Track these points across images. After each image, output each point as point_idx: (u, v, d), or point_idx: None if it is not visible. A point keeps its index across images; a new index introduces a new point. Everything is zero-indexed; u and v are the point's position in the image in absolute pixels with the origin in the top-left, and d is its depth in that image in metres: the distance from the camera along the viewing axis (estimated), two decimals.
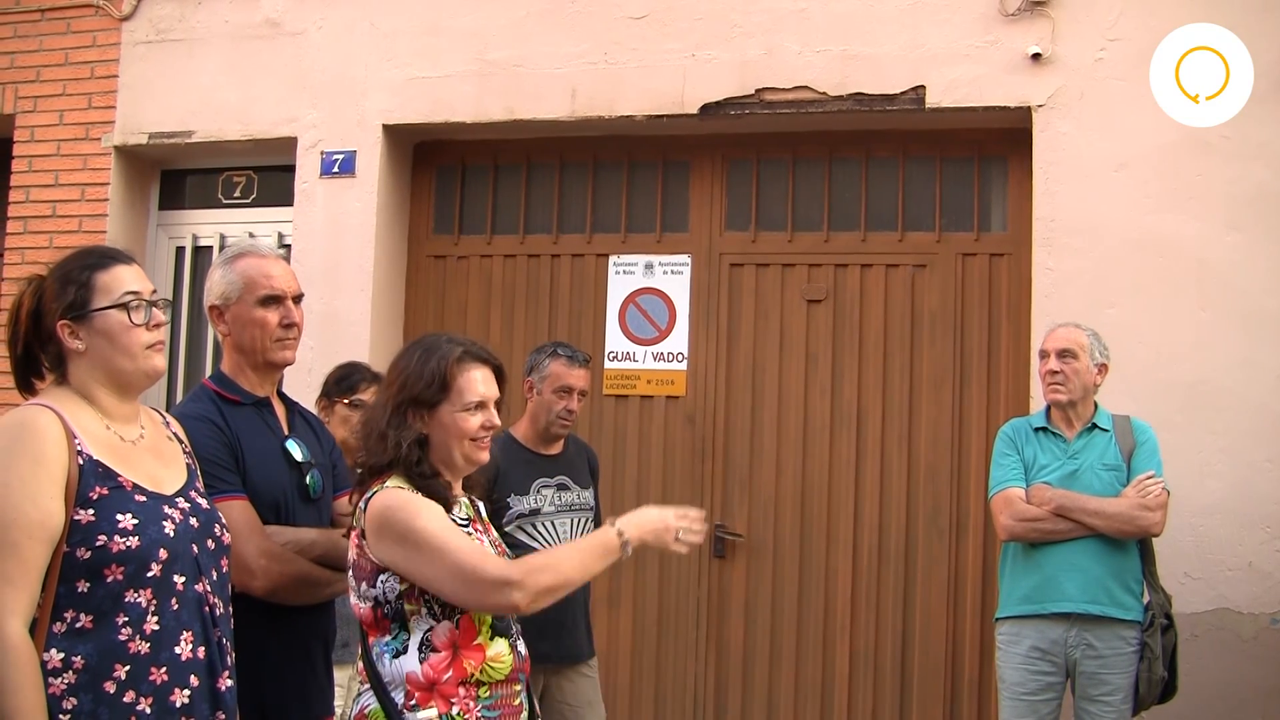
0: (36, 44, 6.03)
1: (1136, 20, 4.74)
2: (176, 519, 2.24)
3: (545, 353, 4.11)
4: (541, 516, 3.91)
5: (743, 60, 5.15)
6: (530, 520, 3.89)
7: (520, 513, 3.87)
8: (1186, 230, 4.64)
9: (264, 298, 2.80)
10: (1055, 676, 3.91)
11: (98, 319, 2.28)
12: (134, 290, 2.31)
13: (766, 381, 5.28)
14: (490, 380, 2.66)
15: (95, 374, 2.28)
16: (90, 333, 2.27)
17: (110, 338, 2.28)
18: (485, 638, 2.51)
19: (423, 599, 2.47)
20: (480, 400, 2.61)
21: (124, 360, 2.29)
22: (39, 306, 2.29)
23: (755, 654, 5.19)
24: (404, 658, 2.46)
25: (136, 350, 2.29)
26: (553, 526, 3.93)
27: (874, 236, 5.25)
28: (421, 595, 2.47)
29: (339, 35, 5.65)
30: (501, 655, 2.53)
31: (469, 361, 2.63)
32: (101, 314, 2.28)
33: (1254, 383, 4.53)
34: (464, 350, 2.63)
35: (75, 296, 2.27)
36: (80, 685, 2.09)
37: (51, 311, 2.27)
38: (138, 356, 2.30)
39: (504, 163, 5.72)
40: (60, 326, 2.26)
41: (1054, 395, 4.03)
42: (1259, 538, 4.48)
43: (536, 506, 3.90)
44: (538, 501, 3.91)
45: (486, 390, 2.63)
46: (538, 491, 3.94)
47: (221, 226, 6.01)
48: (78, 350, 2.27)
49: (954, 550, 5.01)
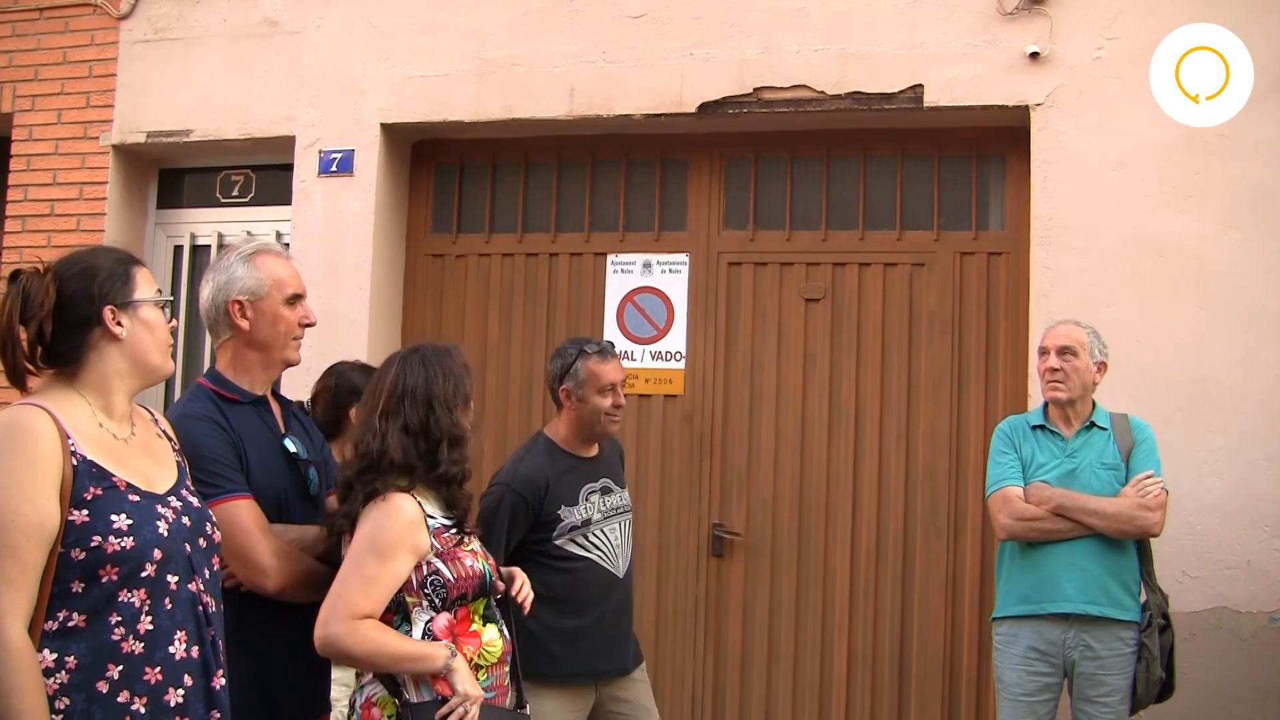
0: (35, 42, 6.03)
1: (1135, 19, 4.73)
2: (169, 518, 2.24)
3: (571, 355, 3.86)
4: (592, 526, 3.80)
5: (741, 59, 5.14)
6: (582, 532, 3.77)
7: (572, 525, 3.75)
8: (1185, 229, 4.64)
9: (291, 296, 2.84)
10: (1053, 677, 3.91)
11: (144, 309, 2.33)
12: (160, 289, 2.39)
13: (764, 380, 5.28)
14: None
15: (122, 364, 2.30)
16: (134, 322, 2.31)
17: (151, 329, 2.34)
18: (479, 625, 2.72)
19: (421, 591, 2.62)
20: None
21: (155, 354, 2.35)
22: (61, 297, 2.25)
23: (753, 653, 5.18)
24: None
25: (167, 346, 2.38)
26: (603, 534, 3.82)
27: (872, 235, 5.25)
28: (420, 588, 2.62)
29: (337, 34, 5.64)
30: (494, 640, 2.73)
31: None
32: (146, 305, 2.34)
33: (1253, 381, 4.53)
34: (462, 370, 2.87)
35: (124, 285, 2.31)
36: (73, 685, 2.09)
37: (98, 297, 2.27)
38: (165, 352, 2.38)
39: (502, 161, 5.72)
40: (108, 311, 2.28)
41: (1053, 393, 4.02)
42: (1257, 536, 4.47)
43: (588, 517, 3.79)
44: (587, 511, 3.79)
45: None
46: (586, 499, 3.80)
47: (220, 225, 6.00)
48: (118, 337, 2.29)
49: (952, 549, 5.01)
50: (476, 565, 2.72)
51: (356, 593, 2.57)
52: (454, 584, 2.66)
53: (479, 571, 2.71)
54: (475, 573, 2.70)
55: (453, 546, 2.70)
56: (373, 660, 2.60)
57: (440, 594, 2.65)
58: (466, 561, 2.70)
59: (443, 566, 2.66)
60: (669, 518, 5.32)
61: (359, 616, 2.57)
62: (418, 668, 2.59)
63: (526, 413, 5.47)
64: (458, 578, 2.66)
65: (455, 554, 2.69)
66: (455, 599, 2.67)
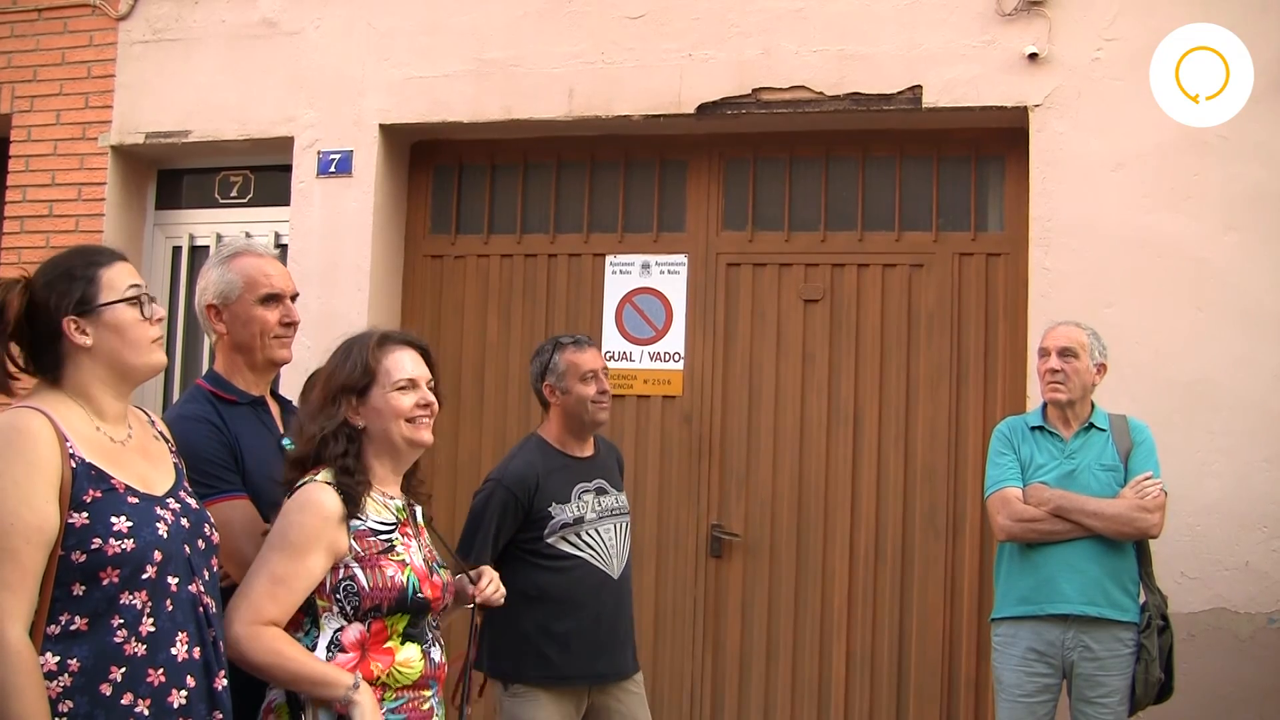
0: (34, 43, 6.03)
1: (1133, 20, 4.74)
2: (168, 520, 2.24)
3: (548, 351, 3.90)
4: (585, 525, 3.77)
5: (740, 60, 5.15)
6: (574, 530, 3.74)
7: (564, 522, 3.73)
8: (1184, 230, 4.64)
9: (264, 296, 2.82)
10: (1052, 678, 3.91)
11: (107, 314, 2.27)
12: (136, 284, 2.32)
13: (763, 381, 5.28)
14: (419, 361, 2.69)
15: (98, 370, 2.27)
16: (99, 328, 2.26)
17: (120, 332, 2.28)
18: (395, 642, 2.53)
19: (333, 596, 2.49)
20: (410, 379, 2.63)
21: (132, 354, 2.29)
22: (33, 307, 2.25)
23: (752, 654, 5.18)
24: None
25: (144, 344, 2.31)
26: (597, 534, 3.79)
27: (871, 236, 5.25)
28: (333, 592, 2.49)
29: (336, 35, 5.64)
30: (411, 660, 2.54)
31: (390, 344, 2.67)
32: (110, 308, 2.28)
33: (1252, 382, 4.53)
34: (383, 334, 2.69)
35: (83, 292, 2.26)
36: (76, 688, 2.09)
37: (56, 309, 2.24)
38: (145, 350, 2.31)
39: (501, 162, 5.72)
40: (68, 322, 2.24)
41: (1054, 394, 4.01)
42: (1256, 537, 4.48)
43: (580, 514, 3.76)
44: (580, 509, 3.76)
45: (416, 370, 2.66)
46: (579, 498, 3.79)
47: (218, 226, 6.00)
48: (84, 346, 2.25)
49: (951, 550, 5.02)
50: (399, 577, 2.51)
51: (262, 594, 2.42)
52: (368, 593, 2.47)
53: (399, 584, 2.50)
54: (394, 584, 2.49)
55: (376, 553, 2.52)
56: (270, 673, 2.44)
57: (353, 602, 2.47)
58: (388, 571, 2.50)
59: (360, 572, 2.48)
60: (667, 518, 5.32)
61: (264, 621, 2.41)
62: (316, 691, 2.41)
63: (525, 413, 5.46)
64: (373, 587, 2.48)
65: (377, 561, 2.51)
66: (369, 610, 2.48)
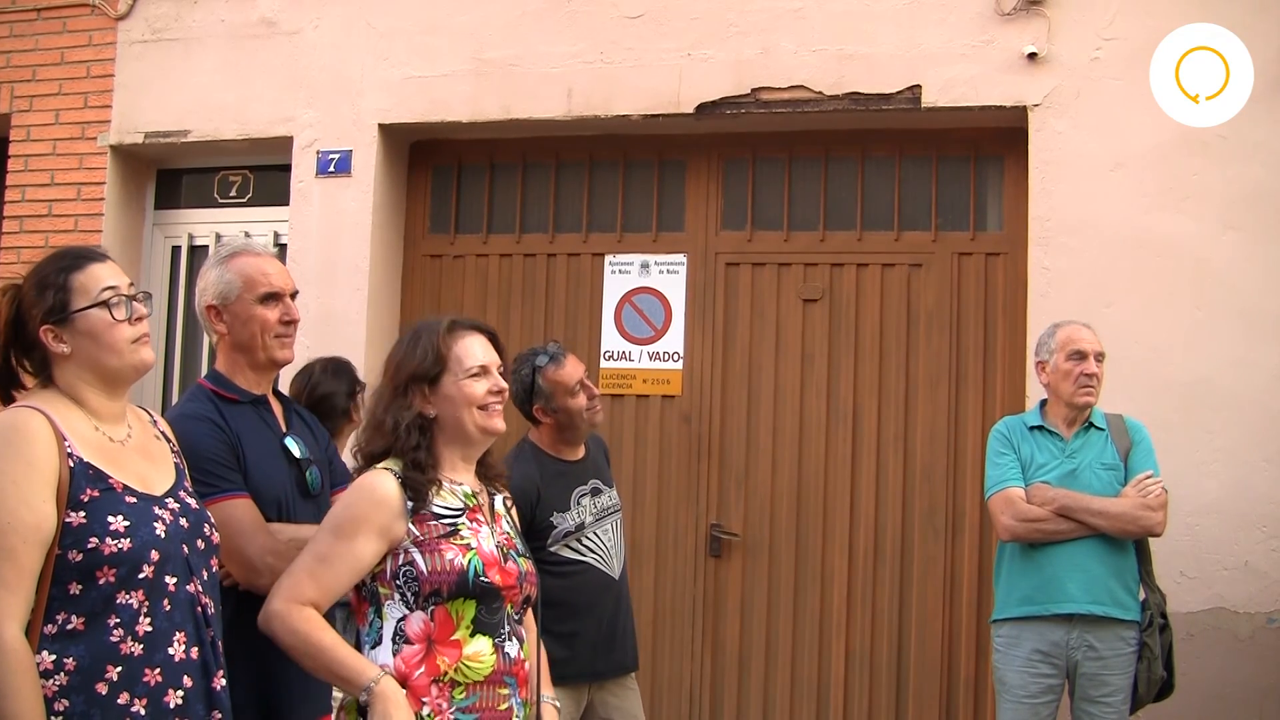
0: (33, 43, 6.03)
1: (1133, 20, 4.74)
2: (167, 520, 2.24)
3: (527, 375, 3.80)
4: (586, 530, 3.80)
5: (739, 60, 5.14)
6: (576, 537, 3.78)
7: (566, 530, 3.75)
8: (1183, 229, 4.64)
9: (264, 295, 2.81)
10: (1055, 678, 3.89)
11: (79, 320, 2.27)
12: (111, 286, 2.30)
13: (762, 381, 5.28)
14: (488, 347, 2.65)
15: (82, 375, 2.27)
16: (74, 334, 2.26)
17: (94, 337, 2.27)
18: (464, 633, 2.44)
19: (394, 582, 2.45)
20: (482, 365, 2.59)
21: (110, 357, 2.28)
22: (19, 315, 2.27)
23: (751, 653, 5.18)
24: (379, 649, 2.43)
25: (122, 346, 2.29)
26: (597, 538, 3.83)
27: (870, 236, 5.25)
28: (393, 578, 2.45)
29: (335, 34, 5.64)
30: (482, 654, 2.44)
31: (460, 330, 2.63)
32: (83, 314, 2.27)
33: (1251, 382, 4.53)
34: (453, 320, 2.64)
35: (54, 300, 2.26)
36: (72, 687, 2.09)
37: (33, 318, 2.25)
38: (124, 352, 2.29)
39: (500, 162, 5.72)
40: (43, 332, 2.25)
41: (1088, 398, 3.99)
42: (1255, 537, 4.48)
43: (580, 521, 3.79)
44: (579, 515, 3.79)
45: (486, 356, 2.62)
46: (578, 503, 3.81)
47: (217, 226, 5.99)
48: (63, 354, 2.26)
49: (950, 549, 5.01)
50: (459, 560, 2.43)
51: (303, 573, 2.40)
52: (426, 577, 2.41)
53: (459, 567, 2.42)
54: (454, 568, 2.41)
55: (436, 537, 2.45)
56: (297, 654, 2.38)
57: (413, 588, 2.41)
58: (448, 555, 2.43)
59: (419, 556, 2.42)
60: (667, 518, 5.32)
61: (302, 600, 2.37)
62: (337, 683, 2.38)
63: None
64: (431, 570, 2.41)
65: (436, 545, 2.44)
66: (429, 595, 2.41)
